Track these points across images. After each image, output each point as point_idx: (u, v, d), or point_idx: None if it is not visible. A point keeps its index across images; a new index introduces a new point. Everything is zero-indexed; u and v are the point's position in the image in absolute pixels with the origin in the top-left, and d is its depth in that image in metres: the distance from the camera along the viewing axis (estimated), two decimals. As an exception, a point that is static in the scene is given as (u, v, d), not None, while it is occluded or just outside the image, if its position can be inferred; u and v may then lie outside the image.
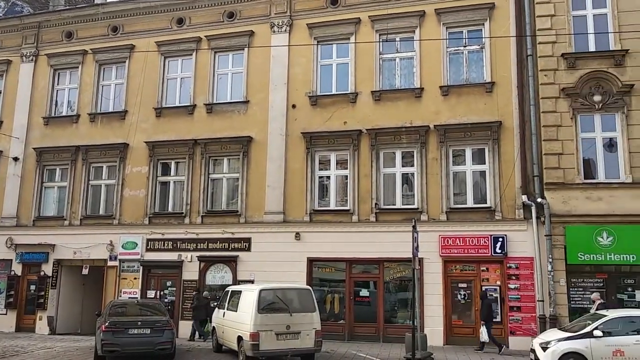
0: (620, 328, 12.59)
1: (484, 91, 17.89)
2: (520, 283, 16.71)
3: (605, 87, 16.83)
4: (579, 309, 16.06)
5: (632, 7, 17.00)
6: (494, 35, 17.88)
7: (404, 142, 18.39)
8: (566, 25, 17.42)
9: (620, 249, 15.96)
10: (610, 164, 16.77)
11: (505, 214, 17.15)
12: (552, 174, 16.79)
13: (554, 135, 16.96)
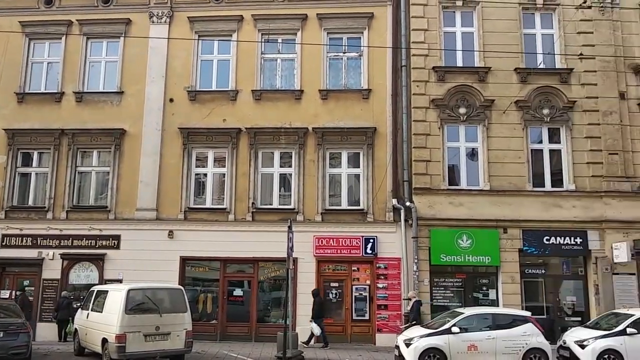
0: (475, 325, 13.62)
1: (361, 97, 18.53)
2: (388, 282, 17.50)
3: (470, 100, 18.15)
4: (441, 307, 17.14)
5: (495, 28, 18.50)
6: (372, 44, 18.58)
7: (283, 142, 18.55)
8: (438, 40, 18.55)
9: (478, 251, 17.27)
10: (471, 172, 18.11)
11: (376, 216, 17.89)
12: (420, 180, 17.78)
13: (423, 143, 17.98)
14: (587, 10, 18.53)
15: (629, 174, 17.79)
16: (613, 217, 17.46)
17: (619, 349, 13.17)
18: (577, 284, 17.92)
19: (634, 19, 18.72)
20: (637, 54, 18.46)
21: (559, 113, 18.15)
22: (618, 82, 18.25)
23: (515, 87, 18.22)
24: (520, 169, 17.85)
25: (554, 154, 18.26)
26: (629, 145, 17.98)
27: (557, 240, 17.44)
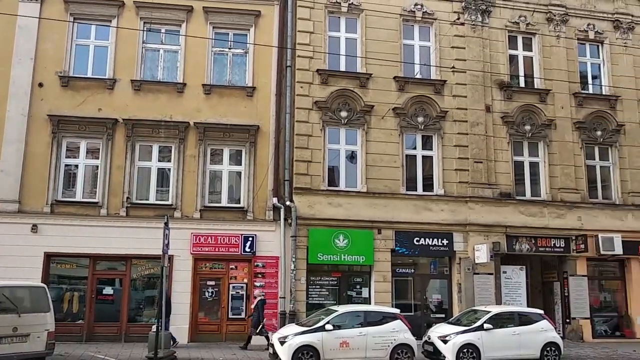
0: (347, 322, 14.05)
1: (245, 95, 18.43)
2: (266, 281, 17.56)
3: (351, 104, 18.71)
4: (316, 305, 17.50)
5: (377, 36, 19.23)
6: (258, 42, 18.54)
7: (163, 136, 17.95)
8: (322, 43, 18.92)
9: (353, 250, 17.84)
10: (350, 174, 18.68)
11: (256, 214, 17.87)
12: (301, 180, 18.03)
13: (305, 143, 18.26)
14: (461, 26, 19.88)
15: (492, 182, 19.27)
16: (476, 221, 18.82)
17: (477, 343, 14.19)
18: (443, 283, 19.11)
19: (501, 38, 20.33)
20: (502, 71, 20.05)
21: (432, 121, 19.23)
22: (485, 95, 19.70)
23: (393, 94, 19.04)
24: (395, 173, 18.68)
25: (427, 159, 19.32)
26: (492, 155, 19.48)
27: (426, 242, 18.48)
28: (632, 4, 21.73)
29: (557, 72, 20.38)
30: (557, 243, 19.41)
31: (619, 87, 20.84)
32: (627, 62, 21.25)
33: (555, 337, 15.05)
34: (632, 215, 20.24)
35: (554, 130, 20.11)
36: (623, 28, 21.37)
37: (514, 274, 19.23)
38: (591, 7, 21.33)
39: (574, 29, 20.98)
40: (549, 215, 19.54)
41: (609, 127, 20.61)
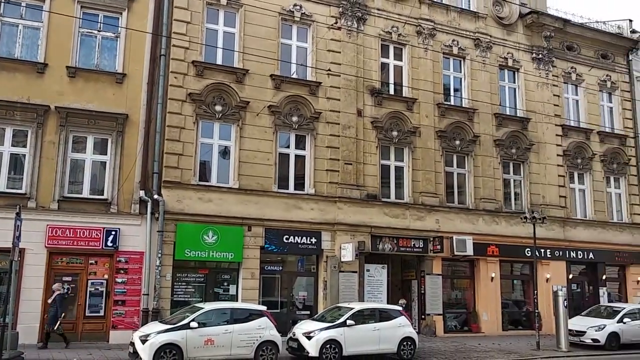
0: (213, 319, 13.85)
1: (115, 81, 17.48)
2: (128, 277, 16.79)
3: (227, 99, 18.47)
4: (181, 302, 17.04)
5: (256, 33, 19.17)
6: (131, 26, 17.65)
7: (18, 119, 16.46)
8: (199, 35, 18.49)
9: (222, 247, 17.62)
10: (222, 170, 18.44)
11: (121, 207, 17.02)
12: (170, 173, 17.47)
13: (177, 136, 17.73)
14: (337, 31, 20.43)
15: (360, 183, 20.00)
16: (343, 221, 19.43)
17: (339, 339, 14.64)
18: (309, 280, 19.50)
19: (375, 46, 21.17)
20: (374, 78, 20.88)
21: (306, 122, 19.55)
22: (357, 100, 20.40)
23: (269, 92, 19.09)
24: (268, 171, 18.74)
25: (299, 159, 19.61)
26: (362, 158, 20.23)
27: (295, 240, 18.74)
28: (491, 25, 23.66)
29: (423, 83, 21.65)
30: (416, 243, 20.60)
31: (477, 101, 22.59)
32: (485, 78, 23.10)
33: (412, 332, 15.94)
34: (482, 220, 22.02)
35: (418, 137, 21.31)
36: (482, 46, 23.19)
37: (377, 272, 20.12)
38: (456, 24, 22.91)
39: (440, 43, 22.40)
40: (410, 217, 20.69)
41: (467, 137, 22.25)
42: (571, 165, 24.64)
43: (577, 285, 24.41)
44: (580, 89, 25.80)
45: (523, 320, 22.92)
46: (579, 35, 25.77)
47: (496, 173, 22.75)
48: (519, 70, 24.15)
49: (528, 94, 24.09)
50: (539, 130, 23.87)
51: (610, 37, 26.62)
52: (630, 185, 26.04)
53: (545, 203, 23.29)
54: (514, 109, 23.89)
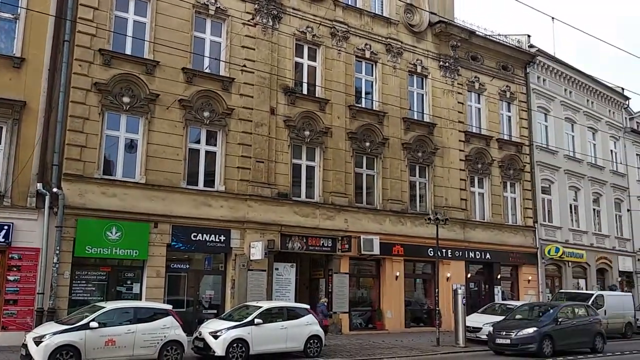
0: (115, 319, 13.28)
1: (12, 65, 16.29)
2: (22, 275, 15.74)
3: (135, 91, 17.78)
4: (81, 301, 16.21)
5: (168, 24, 18.61)
6: (31, 8, 16.52)
7: None
8: (108, 22, 17.68)
9: (126, 244, 16.95)
10: (129, 164, 17.74)
11: (15, 200, 15.90)
12: (72, 165, 16.58)
13: (80, 127, 16.85)
14: (252, 27, 20.26)
15: (271, 181, 19.95)
16: (253, 219, 19.30)
17: (247, 337, 14.51)
18: (217, 279, 19.21)
19: (289, 45, 21.20)
20: (288, 76, 20.91)
21: (218, 117, 19.24)
22: (270, 98, 20.34)
23: (181, 85, 18.60)
24: (177, 166, 18.26)
25: (210, 155, 19.26)
26: (274, 156, 20.19)
27: (203, 237, 18.38)
28: (402, 32, 24.40)
29: (336, 84, 21.96)
30: (325, 243, 20.85)
31: (387, 104, 23.21)
32: (395, 83, 23.79)
33: (319, 330, 16.08)
34: (389, 220, 22.66)
35: (330, 138, 21.58)
36: (393, 52, 23.87)
37: (285, 271, 20.17)
38: (369, 28, 23.43)
39: (353, 46, 22.82)
40: (320, 216, 20.91)
41: (376, 139, 22.81)
42: (472, 170, 25.91)
43: (474, 284, 25.70)
44: (482, 97, 27.19)
45: (424, 317, 23.84)
46: (482, 47, 27.15)
47: (403, 175, 23.50)
48: (427, 76, 25.08)
49: (435, 100, 25.07)
50: (443, 136, 24.90)
51: (510, 50, 28.27)
52: (524, 190, 27.78)
53: (448, 205, 24.34)
54: (422, 114, 24.77)
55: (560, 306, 18.56)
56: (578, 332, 18.06)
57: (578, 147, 31.50)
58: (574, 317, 18.47)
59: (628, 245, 33.98)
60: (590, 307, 19.89)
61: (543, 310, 18.51)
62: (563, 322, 17.54)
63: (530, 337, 16.72)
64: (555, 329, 17.22)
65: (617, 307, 23.89)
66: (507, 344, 16.92)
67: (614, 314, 23.48)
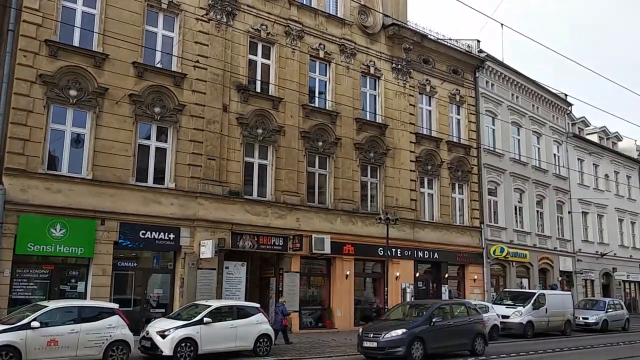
0: (58, 318, 12.88)
1: (-49, 54, 15.62)
2: (-42, 273, 15.09)
3: (83, 84, 17.29)
4: (21, 300, 15.64)
5: (119, 17, 18.18)
6: (-27, -5, 15.90)
7: None
8: (55, 12, 17.12)
9: (71, 241, 16.48)
10: (75, 159, 17.24)
11: (-48, 195, 15.25)
12: (14, 160, 15.99)
13: (24, 120, 16.27)
14: (206, 23, 20.04)
15: (222, 179, 19.77)
16: (204, 217, 19.08)
17: (195, 337, 14.33)
18: (165, 278, 18.90)
19: (243, 42, 21.06)
20: (241, 74, 20.76)
21: (169, 113, 18.92)
22: (223, 95, 20.16)
23: (131, 80, 18.20)
24: (126, 162, 17.86)
25: (160, 151, 18.92)
26: (226, 154, 20.02)
27: (152, 235, 18.05)
28: (356, 33, 24.61)
29: (289, 83, 21.94)
30: (276, 241, 20.80)
31: (340, 104, 23.36)
32: (348, 84, 23.97)
33: (268, 329, 16.04)
34: (340, 220, 22.83)
35: (282, 137, 21.55)
36: (347, 53, 24.04)
37: (236, 270, 20.02)
38: (324, 29, 23.52)
39: (307, 45, 22.86)
40: (272, 215, 20.86)
41: (329, 139, 22.93)
42: (422, 171, 26.37)
43: (423, 282, 26.15)
44: (433, 100, 27.71)
45: (374, 315, 24.03)
46: (434, 50, 27.67)
47: (355, 175, 23.70)
48: (380, 78, 25.38)
49: (387, 102, 25.40)
50: (395, 137, 25.25)
51: (461, 55, 28.92)
52: (472, 191, 28.47)
53: (398, 205, 24.69)
54: (374, 115, 25.04)
55: (436, 305, 16.92)
56: (456, 333, 16.41)
57: (523, 151, 32.53)
58: (452, 317, 16.75)
59: (568, 246, 35.30)
60: (470, 306, 18.28)
61: (422, 310, 16.71)
62: (438, 323, 15.76)
63: (399, 339, 14.85)
64: (429, 330, 15.46)
65: (557, 305, 24.83)
66: (374, 348, 15.03)
67: (554, 312, 24.41)
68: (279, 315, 17.90)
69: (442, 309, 16.89)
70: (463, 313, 17.44)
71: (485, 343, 17.32)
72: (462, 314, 17.36)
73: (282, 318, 17.84)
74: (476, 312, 18.09)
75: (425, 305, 17.14)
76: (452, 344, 16.35)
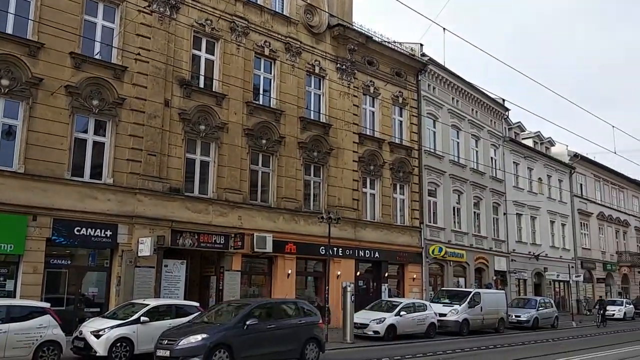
0: None
1: None
2: None
3: (16, 73, 16.54)
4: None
5: (56, 5, 17.48)
6: None
7: None
8: (-13, -3, 16.31)
9: (0, 238, 15.75)
10: (6, 152, 16.47)
11: None
12: (-61, 151, 15.13)
13: (-50, 109, 15.42)
14: (149, 15, 19.57)
15: (163, 176, 19.35)
16: (143, 214, 18.63)
17: (131, 336, 13.98)
18: (101, 276, 18.35)
19: (187, 37, 20.68)
20: (184, 68, 20.37)
21: (108, 107, 18.36)
22: (165, 90, 19.73)
23: (68, 71, 17.55)
24: (61, 156, 17.21)
25: (98, 146, 18.34)
26: (167, 149, 19.60)
27: (88, 232, 17.47)
28: (302, 32, 24.62)
29: (234, 79, 21.70)
30: (218, 239, 20.54)
31: (284, 103, 23.30)
32: (293, 82, 23.95)
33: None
34: (283, 218, 22.78)
35: (225, 134, 21.30)
36: (292, 51, 24.01)
37: (175, 268, 19.64)
38: (269, 26, 23.40)
39: (253, 42, 22.68)
40: (213, 212, 20.59)
41: (273, 137, 22.84)
42: (365, 171, 26.67)
43: (363, 281, 26.47)
44: (376, 101, 28.07)
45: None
46: (378, 52, 28.02)
47: (298, 174, 23.71)
48: (325, 78, 25.49)
49: (331, 102, 25.53)
50: (338, 137, 25.42)
51: (404, 58, 29.41)
52: (412, 192, 29.01)
53: (341, 205, 24.87)
54: (318, 114, 25.12)
55: (253, 305, 14.39)
56: (279, 338, 14.00)
57: (462, 153, 33.41)
58: (276, 318, 14.47)
59: (503, 246, 36.51)
60: (304, 307, 15.70)
61: (239, 310, 14.14)
62: (254, 326, 13.32)
63: (196, 347, 12.44)
64: (240, 334, 13.09)
65: (492, 304, 25.68)
66: (167, 357, 12.62)
67: (489, 311, 25.23)
68: None
69: (262, 309, 14.55)
70: (292, 314, 15.09)
71: (320, 349, 14.92)
72: (291, 315, 15.01)
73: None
74: (311, 313, 15.51)
75: (243, 305, 14.54)
76: (272, 350, 13.78)
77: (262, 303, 15.59)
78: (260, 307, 14.67)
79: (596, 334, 26.08)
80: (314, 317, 15.41)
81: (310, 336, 14.79)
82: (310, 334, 14.83)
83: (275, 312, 14.93)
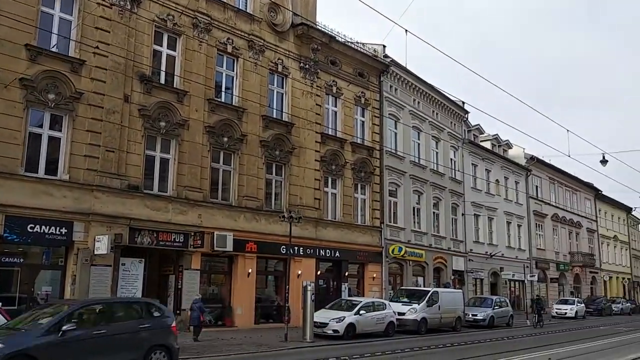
0: None
1: None
2: None
3: (-33, 64, 15.96)
4: None
5: (11, -5, 16.94)
6: None
7: None
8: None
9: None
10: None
11: None
12: None
13: None
14: (108, 9, 19.15)
15: (121, 172, 18.98)
16: (100, 211, 18.24)
17: None
18: (55, 274, 17.89)
19: (148, 31, 20.32)
20: (145, 64, 20.02)
21: (65, 101, 17.89)
22: (125, 85, 19.34)
23: (23, 63, 17.02)
24: (14, 151, 16.70)
25: (54, 141, 17.85)
26: (125, 146, 19.23)
27: (42, 229, 16.99)
28: (265, 30, 24.50)
29: (196, 76, 21.45)
30: (177, 238, 20.27)
31: (247, 101, 23.15)
32: (255, 80, 23.81)
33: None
34: (244, 217, 22.64)
35: (186, 131, 21.04)
36: (255, 49, 23.88)
37: (133, 267, 19.29)
38: (232, 23, 23.20)
39: (215, 39, 22.45)
40: (173, 210, 20.31)
41: (235, 135, 22.67)
42: (326, 170, 26.74)
43: (323, 280, 26.54)
44: (339, 101, 28.17)
45: (274, 313, 24.15)
46: (341, 53, 28.12)
47: (260, 172, 23.60)
48: (288, 76, 25.44)
49: (294, 101, 25.50)
50: (301, 136, 25.41)
51: (367, 59, 29.60)
52: (373, 192, 29.24)
53: (302, 204, 24.87)
54: (281, 113, 25.05)
55: (74, 307, 11.60)
56: (111, 346, 11.38)
57: (423, 154, 33.85)
58: (109, 321, 11.84)
59: (461, 246, 37.16)
60: (148, 307, 12.98)
61: (52, 314, 11.33)
62: (73, 333, 10.71)
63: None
64: (54, 343, 10.46)
65: (449, 302, 26.09)
66: None
67: (446, 309, 25.63)
68: (196, 312, 18.05)
69: (89, 312, 12.00)
70: (134, 316, 12.52)
71: (171, 358, 12.43)
72: (132, 318, 12.42)
73: (199, 314, 18.06)
74: (161, 315, 12.98)
75: (64, 306, 11.83)
76: None
77: (88, 303, 12.92)
78: (85, 308, 12.05)
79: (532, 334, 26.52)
80: (164, 320, 12.91)
81: (156, 343, 12.26)
82: (156, 341, 12.31)
83: (108, 314, 12.22)
